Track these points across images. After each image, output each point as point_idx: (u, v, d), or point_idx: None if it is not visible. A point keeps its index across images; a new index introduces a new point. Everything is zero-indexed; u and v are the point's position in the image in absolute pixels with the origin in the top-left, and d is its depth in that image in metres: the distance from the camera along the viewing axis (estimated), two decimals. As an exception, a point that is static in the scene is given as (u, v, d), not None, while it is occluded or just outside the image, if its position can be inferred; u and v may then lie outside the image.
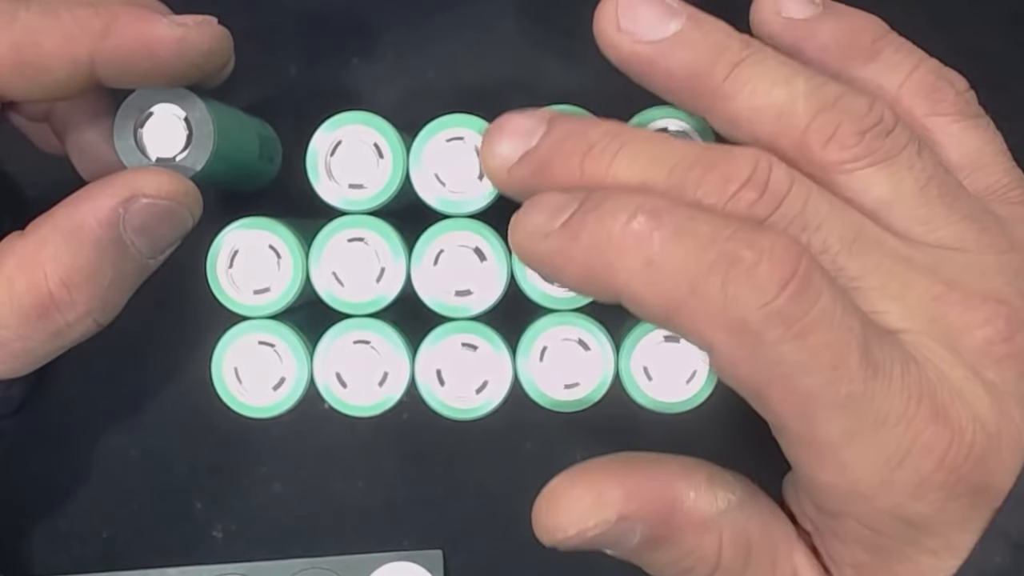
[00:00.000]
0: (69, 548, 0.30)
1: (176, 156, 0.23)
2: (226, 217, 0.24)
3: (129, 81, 0.23)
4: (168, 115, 0.23)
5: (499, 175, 0.23)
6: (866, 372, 0.19)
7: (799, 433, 0.20)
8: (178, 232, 0.23)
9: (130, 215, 0.22)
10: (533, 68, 0.30)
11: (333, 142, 0.24)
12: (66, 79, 0.22)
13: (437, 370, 0.24)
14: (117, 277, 0.22)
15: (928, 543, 0.20)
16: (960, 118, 0.23)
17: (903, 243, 0.21)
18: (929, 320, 0.21)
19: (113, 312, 0.23)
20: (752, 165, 0.20)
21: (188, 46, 0.22)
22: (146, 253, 0.23)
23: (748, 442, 0.30)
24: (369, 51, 0.30)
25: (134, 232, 0.22)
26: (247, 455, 0.30)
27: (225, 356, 0.24)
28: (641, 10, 0.22)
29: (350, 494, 0.30)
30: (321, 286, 0.24)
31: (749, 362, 0.19)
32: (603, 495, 0.21)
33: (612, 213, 0.20)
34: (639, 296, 0.20)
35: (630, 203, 0.20)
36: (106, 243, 0.22)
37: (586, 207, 0.20)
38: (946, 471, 0.19)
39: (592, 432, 0.30)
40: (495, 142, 0.22)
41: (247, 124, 0.27)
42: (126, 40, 0.22)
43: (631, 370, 0.24)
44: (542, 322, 0.24)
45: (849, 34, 0.24)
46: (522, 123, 0.22)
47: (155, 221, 0.22)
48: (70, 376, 0.30)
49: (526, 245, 0.22)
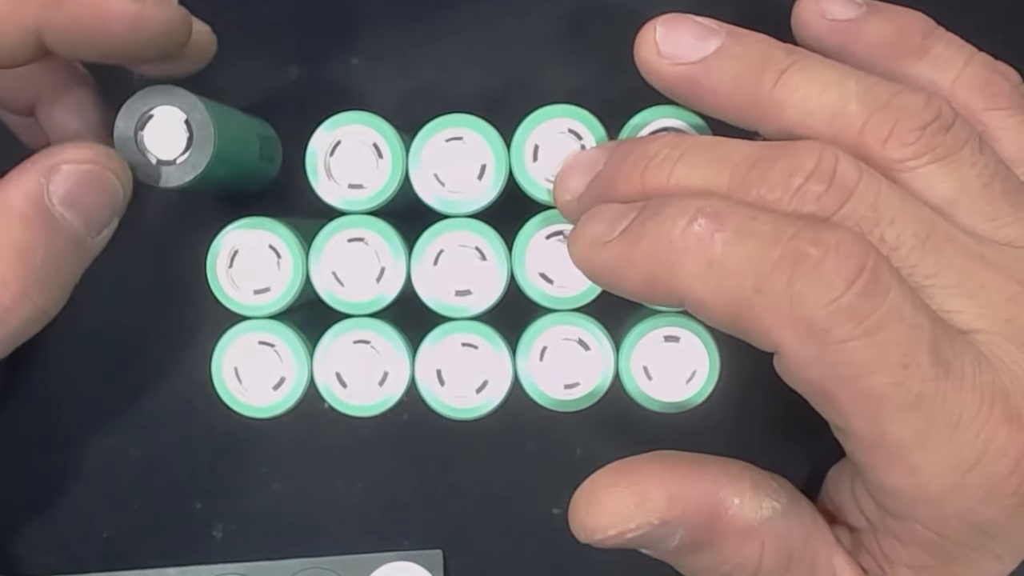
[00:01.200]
0: (69, 548, 0.30)
1: (177, 158, 0.23)
2: (226, 217, 0.24)
3: (81, 53, 0.22)
4: (169, 117, 0.23)
5: (569, 208, 0.22)
6: (937, 371, 0.19)
7: (867, 435, 0.20)
8: (110, 203, 0.22)
9: (53, 185, 0.21)
10: (533, 68, 0.30)
11: (333, 142, 0.24)
12: (13, 45, 0.21)
13: (437, 370, 0.24)
14: (51, 255, 0.22)
15: (995, 548, 0.20)
16: (1016, 112, 0.23)
17: (974, 240, 0.21)
18: (1004, 320, 0.20)
19: (56, 296, 0.22)
20: (816, 157, 0.20)
21: (142, 23, 0.21)
22: (80, 227, 0.22)
23: (748, 442, 0.30)
24: (369, 51, 0.30)
25: (61, 204, 0.21)
26: (247, 455, 0.30)
27: (225, 356, 0.24)
28: (680, 34, 0.22)
29: (350, 494, 0.30)
30: (321, 286, 0.24)
31: (817, 363, 0.19)
32: (646, 498, 0.21)
33: (672, 217, 0.20)
34: (702, 299, 0.20)
35: (689, 206, 0.20)
36: (33, 217, 0.21)
37: (645, 214, 0.20)
38: (1020, 476, 0.19)
39: (592, 432, 0.30)
40: (566, 179, 0.22)
41: (247, 125, 0.27)
42: (78, 10, 0.21)
43: (631, 370, 0.24)
44: (542, 322, 0.24)
45: (897, 32, 0.23)
46: (589, 156, 0.22)
47: (81, 189, 0.22)
48: (70, 376, 0.30)
49: (586, 255, 0.21)
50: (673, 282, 0.20)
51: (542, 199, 0.24)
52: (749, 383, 0.30)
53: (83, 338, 0.30)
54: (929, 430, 0.19)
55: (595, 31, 0.30)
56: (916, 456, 0.19)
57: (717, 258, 0.19)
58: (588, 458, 0.30)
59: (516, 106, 0.23)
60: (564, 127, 0.23)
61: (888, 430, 0.19)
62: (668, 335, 0.24)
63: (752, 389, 0.30)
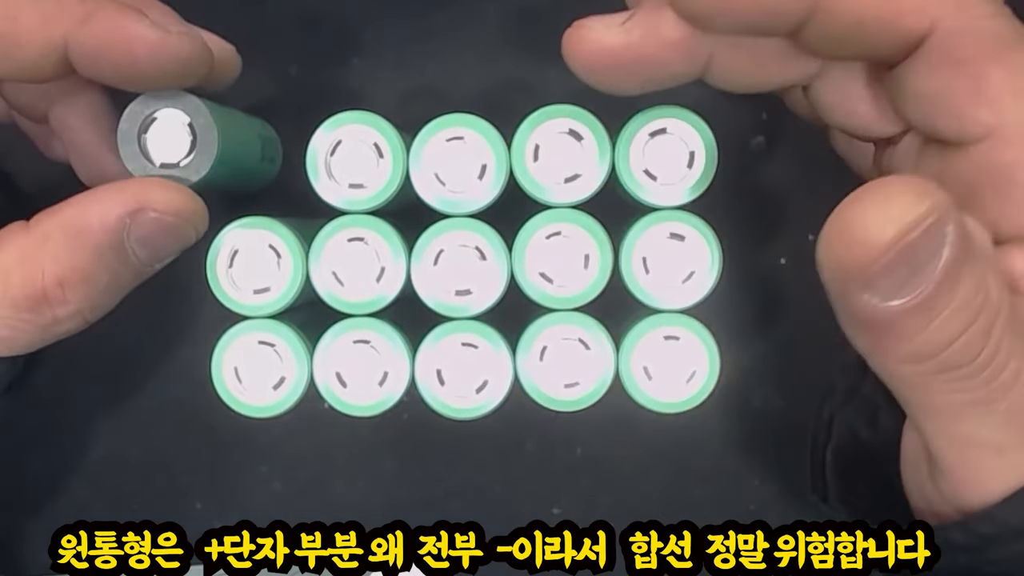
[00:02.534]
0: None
1: (180, 161, 0.23)
2: (226, 217, 0.24)
3: (103, 75, 0.23)
4: (172, 120, 0.23)
5: None
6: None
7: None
8: (180, 246, 0.23)
9: (135, 226, 0.22)
10: (533, 68, 0.30)
11: (333, 142, 0.24)
12: (38, 58, 0.22)
13: (437, 370, 0.24)
14: (113, 282, 0.23)
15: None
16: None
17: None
18: None
19: (103, 312, 0.23)
20: None
21: (165, 50, 0.22)
22: (145, 262, 0.23)
23: (747, 442, 0.30)
24: (369, 51, 0.30)
25: (136, 242, 0.22)
26: (247, 455, 0.30)
27: (225, 356, 0.24)
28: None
29: (350, 494, 0.30)
30: (321, 286, 0.24)
31: (970, 34, 0.19)
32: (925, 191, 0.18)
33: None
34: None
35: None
36: (107, 249, 0.22)
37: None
38: None
39: (592, 432, 0.30)
40: None
41: (249, 127, 0.27)
42: (104, 31, 0.22)
43: (631, 370, 0.24)
44: (542, 321, 0.24)
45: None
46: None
47: (160, 234, 0.22)
48: (70, 376, 0.30)
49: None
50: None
51: (542, 199, 0.24)
52: (749, 383, 0.30)
53: (83, 338, 0.30)
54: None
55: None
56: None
57: None
58: (588, 458, 0.30)
59: (516, 106, 0.23)
60: (564, 127, 0.23)
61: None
62: (668, 335, 0.24)
63: (752, 389, 0.30)
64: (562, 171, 0.23)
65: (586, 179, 0.23)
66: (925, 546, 0.24)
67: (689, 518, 0.25)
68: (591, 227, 0.23)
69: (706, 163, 0.23)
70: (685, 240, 0.23)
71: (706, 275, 0.23)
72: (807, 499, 0.27)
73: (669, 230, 0.23)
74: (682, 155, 0.23)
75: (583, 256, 0.23)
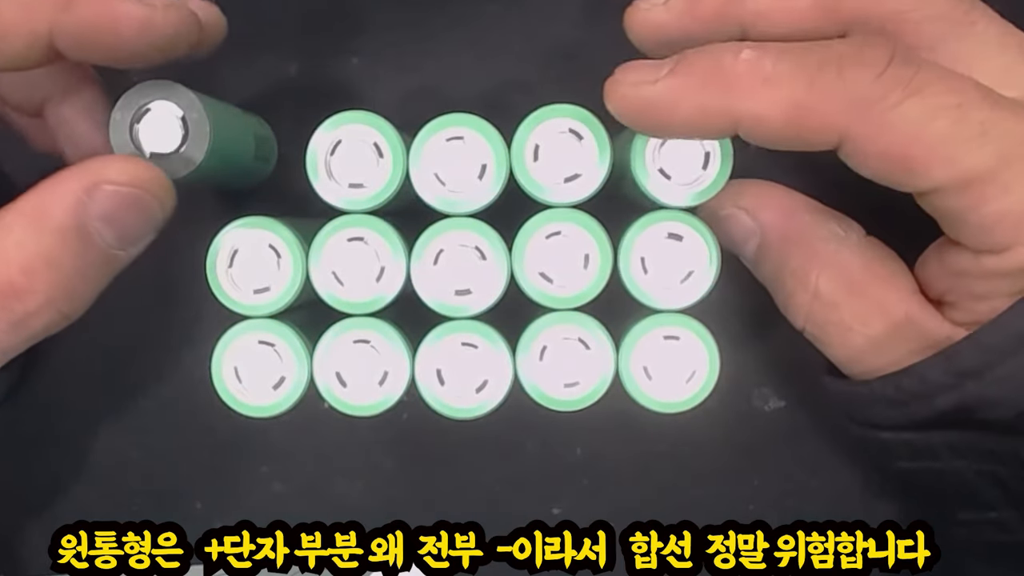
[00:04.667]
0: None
1: (170, 154, 0.23)
2: (226, 217, 0.24)
3: (91, 57, 0.22)
4: (164, 112, 0.23)
5: (655, 20, 0.24)
6: (990, 102, 0.21)
7: (953, 178, 0.21)
8: (147, 223, 0.22)
9: (94, 203, 0.21)
10: (533, 68, 0.30)
11: (333, 142, 0.24)
12: (24, 49, 0.22)
13: (437, 370, 0.24)
14: (81, 266, 0.22)
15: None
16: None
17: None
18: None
19: (80, 304, 0.23)
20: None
21: (152, 26, 0.22)
22: (113, 244, 0.22)
23: (747, 442, 0.30)
24: (369, 51, 0.30)
25: (99, 221, 0.22)
26: (247, 455, 0.30)
27: (225, 356, 0.24)
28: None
29: (350, 494, 0.30)
30: (321, 286, 0.24)
31: (883, 133, 0.21)
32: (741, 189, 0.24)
33: (720, 51, 0.22)
34: (761, 113, 0.21)
35: (732, 45, 0.22)
36: (69, 231, 0.21)
37: (692, 54, 0.22)
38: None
39: (592, 432, 0.30)
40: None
41: (244, 124, 0.27)
42: (88, 14, 0.21)
43: (631, 370, 0.24)
44: (542, 321, 0.24)
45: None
46: None
47: (121, 210, 0.22)
48: (70, 376, 0.30)
49: (632, 94, 0.22)
50: (729, 105, 0.21)
51: (542, 199, 0.24)
52: (749, 383, 0.30)
53: (83, 338, 0.30)
54: (1006, 150, 0.20)
55: (596, 31, 0.30)
56: (1004, 175, 0.21)
57: (770, 73, 0.21)
58: (588, 458, 0.30)
59: (516, 106, 0.23)
60: (564, 127, 0.23)
61: (968, 163, 0.21)
62: (668, 335, 0.24)
63: (752, 389, 0.30)
64: (562, 171, 0.23)
65: (586, 179, 0.23)
66: (925, 546, 0.24)
67: (689, 518, 0.25)
68: (591, 227, 0.23)
69: (721, 164, 0.23)
70: (683, 240, 0.23)
71: (704, 274, 0.23)
72: (804, 491, 0.27)
73: (667, 230, 0.23)
74: (697, 156, 0.23)
75: (583, 256, 0.23)
